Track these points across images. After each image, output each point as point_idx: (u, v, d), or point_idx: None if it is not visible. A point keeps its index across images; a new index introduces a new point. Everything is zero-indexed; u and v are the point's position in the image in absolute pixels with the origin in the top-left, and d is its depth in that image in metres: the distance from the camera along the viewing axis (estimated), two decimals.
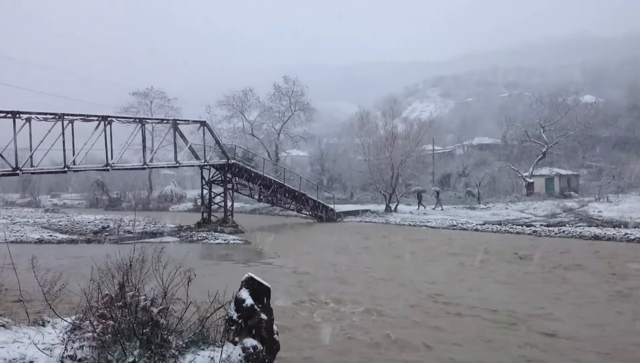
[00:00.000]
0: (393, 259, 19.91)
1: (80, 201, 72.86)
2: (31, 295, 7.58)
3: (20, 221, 38.30)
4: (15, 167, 22.14)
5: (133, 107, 60.28)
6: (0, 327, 6.66)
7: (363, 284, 14.41)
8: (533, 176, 47.99)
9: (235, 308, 6.02)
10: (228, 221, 32.06)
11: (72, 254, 20.97)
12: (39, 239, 27.12)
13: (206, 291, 6.10)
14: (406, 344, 8.96)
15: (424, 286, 14.00)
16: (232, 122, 58.28)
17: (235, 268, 17.62)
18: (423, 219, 35.08)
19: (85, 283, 6.21)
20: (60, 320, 6.87)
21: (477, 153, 65.66)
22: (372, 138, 45.72)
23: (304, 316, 10.77)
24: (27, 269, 7.20)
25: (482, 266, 17.36)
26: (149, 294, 5.65)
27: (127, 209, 58.67)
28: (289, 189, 36.88)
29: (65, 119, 23.19)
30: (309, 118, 57.79)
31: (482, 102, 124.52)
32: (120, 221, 35.66)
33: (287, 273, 16.40)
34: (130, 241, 25.83)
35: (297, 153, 69.28)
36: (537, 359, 8.28)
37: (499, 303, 11.77)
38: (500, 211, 38.67)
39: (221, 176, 33.05)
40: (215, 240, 26.72)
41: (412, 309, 11.46)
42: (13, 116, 21.77)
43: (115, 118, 26.91)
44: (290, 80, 56.38)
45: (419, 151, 43.51)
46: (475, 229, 30.19)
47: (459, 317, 10.75)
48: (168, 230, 31.26)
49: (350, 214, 40.32)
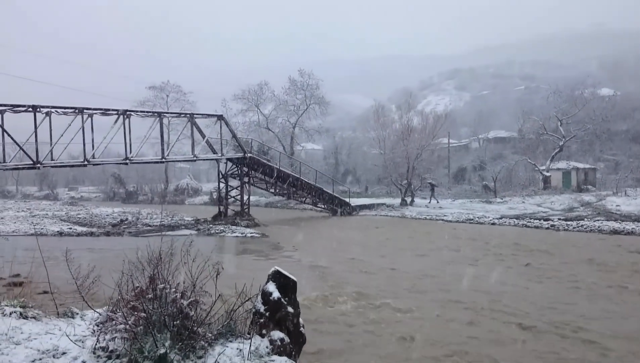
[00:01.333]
0: (412, 252, 19.88)
1: (97, 194, 73.66)
2: (57, 287, 7.72)
3: (39, 214, 38.81)
4: (35, 161, 22.45)
5: (149, 101, 60.71)
6: (32, 318, 6.79)
7: (383, 278, 14.42)
8: (550, 169, 47.54)
9: (262, 301, 6.08)
10: (244, 215, 32.23)
11: (94, 246, 21.26)
12: (59, 231, 27.45)
13: (229, 284, 6.17)
14: (434, 341, 8.97)
15: (444, 281, 13.99)
16: (247, 116, 58.57)
17: (254, 261, 17.74)
18: (439, 213, 34.98)
19: (111, 275, 6.32)
20: (88, 312, 7.00)
21: (493, 146, 65.24)
22: (388, 131, 45.64)
23: (326, 309, 10.82)
24: (49, 260, 7.34)
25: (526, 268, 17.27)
26: (178, 287, 5.73)
27: (144, 202, 59.24)
28: (304, 182, 36.94)
29: (84, 113, 23.45)
30: (324, 112, 57.76)
31: (498, 95, 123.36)
32: (138, 214, 35.99)
33: (306, 266, 16.46)
34: (149, 234, 26.14)
35: (311, 146, 69.29)
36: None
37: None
38: (517, 205, 38.40)
39: (237, 170, 33.21)
40: (233, 233, 26.89)
41: (435, 305, 11.44)
42: (34, 110, 22.07)
43: (134, 112, 27.12)
44: (306, 73, 56.38)
45: (435, 144, 43.33)
46: (492, 223, 30.07)
47: (497, 321, 10.72)
48: (185, 223, 31.49)
49: (365, 208, 40.33)
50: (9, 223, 30.93)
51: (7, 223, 31.25)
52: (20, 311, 6.79)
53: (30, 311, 6.90)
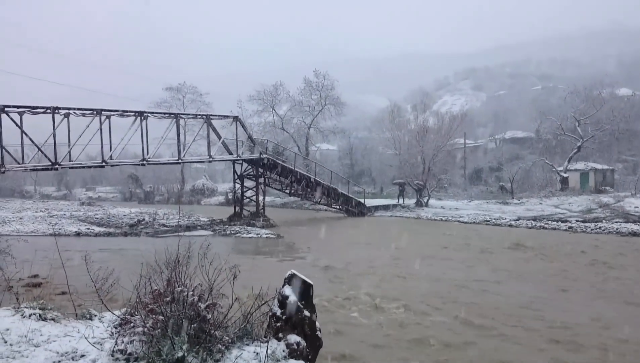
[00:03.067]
0: (428, 254, 19.77)
1: (114, 194, 74.31)
2: (75, 288, 7.78)
3: (57, 214, 39.30)
4: (54, 161, 22.70)
5: (166, 102, 61.10)
6: (51, 320, 6.85)
7: (399, 281, 14.38)
8: (567, 170, 47.03)
9: (279, 305, 6.08)
10: (260, 215, 32.32)
11: (112, 247, 21.46)
12: (77, 232, 27.76)
13: (245, 286, 6.18)
14: (449, 343, 8.92)
15: (459, 285, 13.90)
16: (262, 117, 58.65)
17: (270, 263, 17.79)
18: (455, 215, 34.79)
19: (129, 277, 6.36)
20: (106, 314, 7.06)
21: (510, 146, 64.64)
22: (403, 131, 45.53)
23: (342, 312, 10.81)
24: (67, 261, 7.41)
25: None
26: (196, 290, 5.75)
27: (161, 202, 59.68)
28: (319, 183, 36.93)
29: (102, 115, 23.67)
30: (339, 112, 57.64)
31: (514, 95, 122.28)
32: (155, 215, 36.28)
33: (321, 268, 16.46)
34: (166, 235, 26.33)
35: (326, 146, 69.25)
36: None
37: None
38: (534, 206, 38.07)
39: (253, 171, 33.30)
40: (248, 234, 26.99)
41: (452, 308, 11.37)
42: (52, 111, 22.31)
43: (151, 114, 27.30)
44: (321, 74, 56.29)
45: (451, 145, 43.10)
46: (509, 224, 29.82)
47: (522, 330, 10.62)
48: (201, 223, 31.69)
49: (380, 209, 40.23)
50: (28, 224, 31.35)
51: (25, 223, 31.68)
52: (39, 313, 6.86)
53: (50, 313, 6.96)
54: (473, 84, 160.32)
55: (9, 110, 21.09)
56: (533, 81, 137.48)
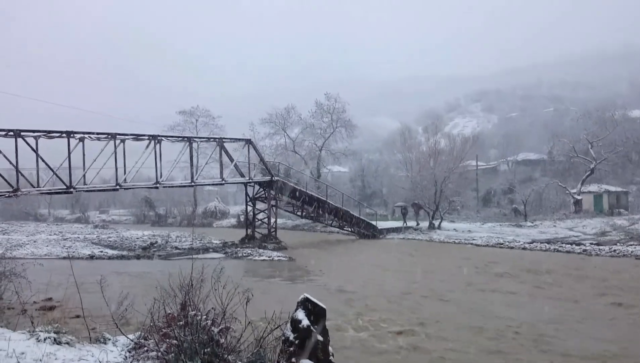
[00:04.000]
0: (441, 278, 19.62)
1: (127, 217, 74.74)
2: (89, 311, 7.84)
3: (71, 237, 39.57)
4: (69, 185, 22.96)
5: (179, 126, 61.78)
6: (65, 344, 6.90)
7: (412, 304, 14.25)
8: (581, 193, 46.68)
9: (291, 329, 6.07)
10: (271, 238, 32.33)
11: (125, 270, 21.51)
12: (90, 255, 27.91)
13: (258, 310, 6.19)
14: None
15: (478, 311, 13.77)
16: (274, 139, 59.01)
17: (282, 286, 17.75)
18: (468, 237, 34.54)
19: (143, 300, 6.40)
20: (120, 338, 7.09)
21: (522, 168, 64.38)
22: (414, 153, 45.53)
23: (354, 336, 10.74)
24: (81, 285, 7.47)
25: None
26: (209, 314, 5.77)
27: (173, 225, 59.93)
28: (331, 205, 36.92)
29: (117, 139, 23.97)
30: (350, 134, 57.87)
31: (526, 117, 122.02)
32: (168, 237, 36.46)
33: (333, 291, 16.37)
34: (179, 257, 26.39)
35: (338, 168, 69.40)
36: None
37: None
38: (548, 229, 37.75)
39: (265, 193, 33.41)
40: (260, 257, 26.96)
41: (466, 334, 11.25)
42: (68, 136, 22.64)
43: (165, 137, 27.63)
44: (332, 97, 56.70)
45: (463, 167, 42.97)
46: (522, 247, 29.52)
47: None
48: (214, 246, 31.78)
49: (392, 231, 40.06)
50: (42, 247, 31.60)
51: (39, 246, 31.94)
52: (54, 336, 6.91)
53: (64, 336, 7.01)
54: (484, 106, 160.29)
55: (25, 134, 21.43)
56: (545, 103, 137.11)
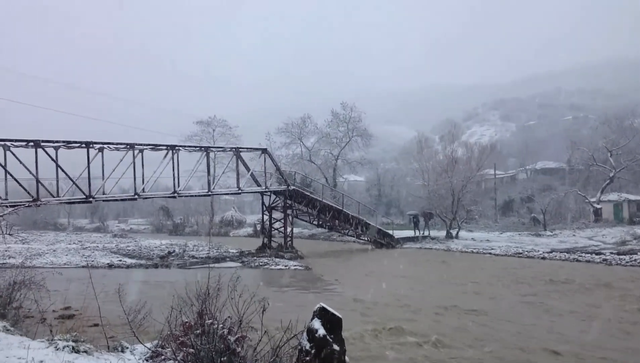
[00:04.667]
0: (459, 287, 19.45)
1: (145, 226, 75.40)
2: (107, 320, 7.89)
3: (90, 246, 39.97)
4: (88, 195, 23.24)
5: (197, 136, 62.21)
6: (83, 352, 6.96)
7: (429, 314, 14.14)
8: (600, 201, 46.05)
9: (307, 338, 6.06)
10: (288, 247, 32.36)
11: (143, 279, 21.68)
12: (109, 264, 28.15)
13: (273, 318, 6.19)
14: None
15: (497, 322, 13.61)
16: (290, 149, 59.20)
17: (298, 295, 17.72)
18: (486, 247, 34.21)
19: (160, 309, 6.42)
20: (138, 346, 7.13)
21: (541, 177, 63.61)
22: (431, 162, 45.33)
23: (371, 346, 10.67)
24: (100, 293, 7.53)
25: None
26: (226, 322, 5.79)
27: (190, 234, 60.27)
28: (347, 214, 36.86)
29: (135, 149, 24.23)
30: (366, 144, 57.87)
31: (545, 125, 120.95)
32: (185, 246, 36.68)
33: (349, 300, 16.31)
34: (196, 267, 26.52)
35: (354, 178, 69.30)
36: None
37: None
38: (567, 238, 37.29)
39: (281, 202, 33.49)
40: (276, 266, 26.96)
41: (484, 344, 11.12)
42: (87, 146, 22.94)
43: (182, 147, 27.85)
44: (348, 106, 56.79)
45: (480, 176, 42.68)
46: (542, 257, 29.16)
47: None
48: (230, 255, 31.88)
49: (409, 241, 39.85)
50: (61, 256, 31.95)
51: (59, 255, 32.30)
52: (72, 345, 6.97)
53: (82, 345, 7.07)
54: (502, 115, 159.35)
55: (45, 145, 21.75)
56: (563, 111, 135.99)
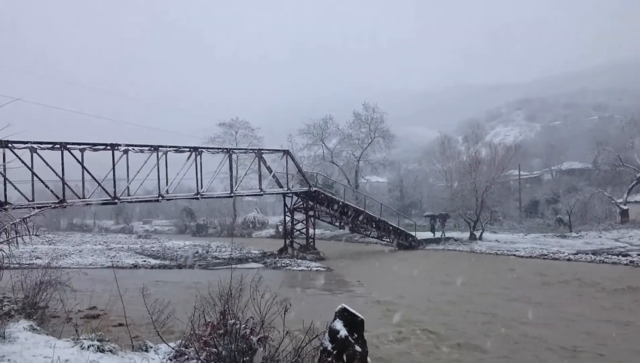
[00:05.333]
0: (483, 290, 19.24)
1: (169, 227, 76.17)
2: (132, 320, 7.98)
3: (115, 247, 40.56)
4: (113, 196, 23.57)
5: (219, 138, 62.67)
6: (108, 352, 7.05)
7: (453, 316, 14.02)
8: (627, 202, 45.15)
9: (329, 339, 6.05)
10: (310, 248, 32.39)
11: (167, 279, 21.91)
12: (134, 264, 28.55)
13: (295, 319, 6.20)
14: None
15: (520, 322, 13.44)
16: (312, 150, 59.19)
17: (320, 296, 17.72)
18: (511, 248, 33.78)
19: (184, 309, 6.47)
20: (162, 346, 7.20)
21: (566, 178, 62.67)
22: (454, 163, 44.89)
23: (393, 348, 10.61)
24: (124, 293, 7.61)
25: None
26: (248, 323, 5.81)
27: (213, 235, 60.70)
28: (369, 216, 36.74)
29: (159, 151, 24.50)
30: (388, 145, 57.60)
31: (570, 125, 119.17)
32: (208, 247, 37.00)
33: (371, 302, 16.26)
34: (219, 267, 26.70)
35: (376, 179, 69.05)
36: None
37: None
38: (593, 239, 36.65)
39: (303, 204, 33.53)
40: (298, 267, 27.02)
41: (509, 346, 10.98)
42: (112, 148, 23.27)
43: (205, 149, 28.08)
44: (370, 107, 56.60)
45: (504, 176, 42.12)
46: (567, 259, 28.71)
47: None
48: (253, 256, 32.06)
49: (432, 242, 39.56)
50: (87, 256, 32.48)
51: (85, 256, 32.83)
52: (97, 344, 7.07)
53: (107, 344, 7.17)
54: (527, 115, 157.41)
55: (71, 147, 22.13)
56: (588, 111, 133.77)
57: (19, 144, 20.35)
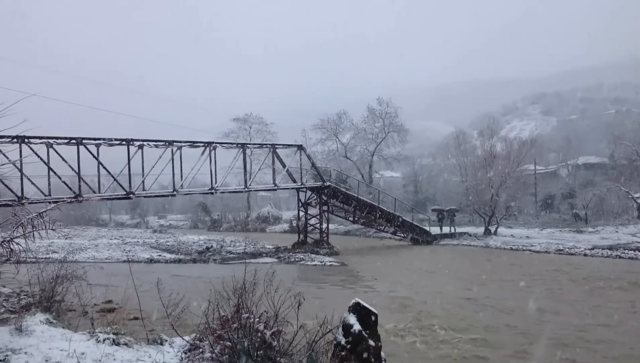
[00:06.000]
0: (501, 286, 19.10)
1: (184, 221, 76.65)
2: (147, 314, 8.04)
3: (130, 242, 40.90)
4: (129, 191, 23.74)
5: (233, 133, 62.87)
6: (123, 345, 7.11)
7: (467, 312, 13.93)
8: None
9: (343, 333, 6.03)
10: (323, 243, 32.38)
11: (182, 273, 22.08)
12: (149, 258, 28.78)
13: (309, 314, 6.19)
14: None
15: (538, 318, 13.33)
16: (326, 145, 59.14)
17: (334, 291, 17.72)
18: (526, 243, 33.52)
19: (199, 302, 6.50)
20: (176, 339, 7.24)
21: (583, 172, 61.97)
22: (469, 158, 44.59)
23: (407, 343, 10.58)
24: (140, 287, 7.66)
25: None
26: (262, 317, 5.82)
27: (228, 229, 60.96)
28: (383, 211, 36.65)
29: (174, 146, 24.64)
30: (402, 139, 57.37)
31: (587, 119, 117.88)
32: (222, 242, 37.18)
33: (385, 297, 16.22)
34: (233, 262, 26.81)
35: (390, 174, 68.83)
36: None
37: None
38: (610, 234, 36.24)
39: (317, 198, 33.53)
40: (312, 262, 27.04)
41: (523, 339, 10.90)
42: (127, 143, 23.44)
43: (220, 144, 28.19)
44: (384, 102, 56.38)
45: (520, 171, 41.73)
46: (583, 254, 28.43)
47: None
48: (267, 250, 32.16)
49: (446, 237, 39.36)
50: (103, 250, 32.80)
51: (100, 250, 33.15)
52: (113, 338, 7.13)
53: (123, 338, 7.23)
54: (543, 109, 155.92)
55: (87, 142, 22.31)
56: (605, 105, 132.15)
57: (35, 139, 20.56)
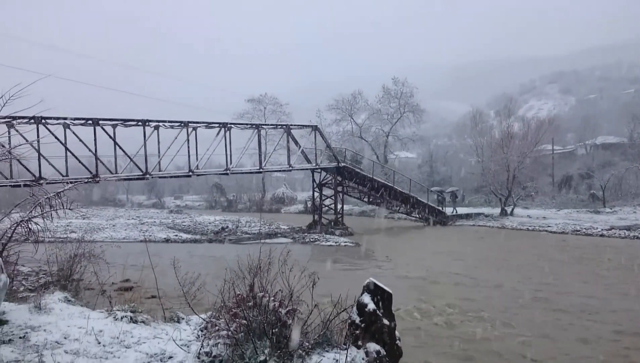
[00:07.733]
0: (517, 267, 19.05)
1: (200, 202, 77.20)
2: (164, 292, 8.14)
3: (147, 222, 41.34)
4: (145, 171, 23.92)
5: (248, 113, 62.74)
6: (141, 322, 7.23)
7: (483, 292, 13.93)
8: None
9: (357, 313, 6.06)
10: (338, 224, 32.43)
11: (198, 253, 22.33)
12: (165, 238, 29.09)
13: (324, 293, 6.22)
14: (536, 356, 8.56)
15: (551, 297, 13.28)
16: (341, 126, 58.80)
17: (348, 271, 17.79)
18: (543, 224, 33.29)
19: (214, 281, 6.56)
20: (193, 317, 7.34)
21: (601, 152, 61.15)
22: (486, 138, 44.24)
23: (421, 322, 10.63)
24: (157, 267, 7.75)
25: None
26: (277, 296, 5.86)
27: (243, 210, 61.31)
28: (398, 191, 36.56)
29: (189, 127, 24.71)
30: (418, 119, 56.80)
31: (605, 98, 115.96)
32: (238, 222, 37.43)
33: (400, 277, 16.27)
34: (248, 242, 27.03)
35: (405, 154, 68.46)
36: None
37: None
38: (627, 215, 35.86)
39: (331, 179, 33.52)
40: (327, 242, 27.13)
41: (536, 322, 10.88)
42: (143, 124, 23.54)
43: (234, 125, 28.20)
44: (400, 82, 55.82)
45: (537, 151, 41.29)
46: (600, 234, 28.20)
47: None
48: (282, 231, 32.30)
49: (462, 218, 39.19)
50: (120, 230, 33.22)
51: (118, 230, 33.58)
52: (130, 315, 7.24)
53: (140, 315, 7.34)
54: (561, 88, 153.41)
55: (103, 123, 22.45)
56: (624, 84, 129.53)
57: (52, 120, 20.73)
